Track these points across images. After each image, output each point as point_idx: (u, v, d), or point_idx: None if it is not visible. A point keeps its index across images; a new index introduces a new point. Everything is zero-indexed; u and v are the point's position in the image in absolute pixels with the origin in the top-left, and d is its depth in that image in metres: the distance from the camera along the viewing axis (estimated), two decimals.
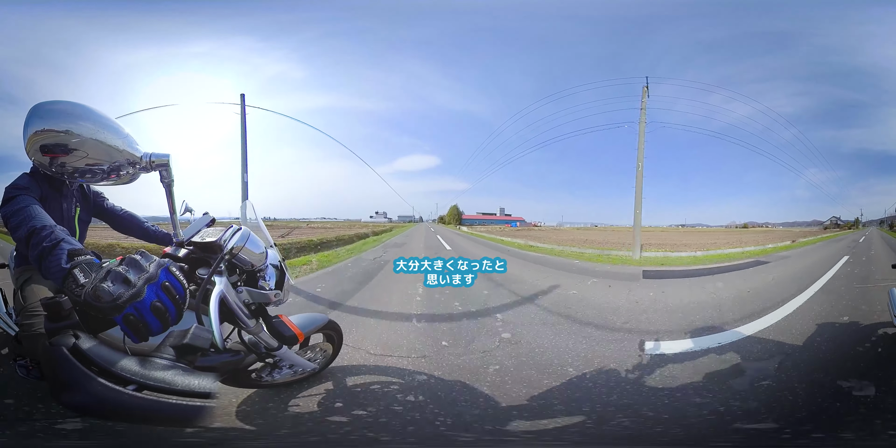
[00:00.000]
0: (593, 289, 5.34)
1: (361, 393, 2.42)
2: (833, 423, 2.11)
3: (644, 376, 2.75)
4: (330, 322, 2.36)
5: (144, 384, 1.08)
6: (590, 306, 4.45)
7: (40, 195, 1.79)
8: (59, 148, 1.73)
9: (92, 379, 1.05)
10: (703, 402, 2.38)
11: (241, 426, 2.04)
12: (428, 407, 2.29)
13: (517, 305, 4.60)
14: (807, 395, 2.41)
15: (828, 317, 3.96)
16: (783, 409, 2.27)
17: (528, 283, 5.57)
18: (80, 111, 1.79)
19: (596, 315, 4.16)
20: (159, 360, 1.14)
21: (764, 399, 2.38)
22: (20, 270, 2.02)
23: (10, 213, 1.52)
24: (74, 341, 1.11)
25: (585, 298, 4.78)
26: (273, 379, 2.18)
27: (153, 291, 1.18)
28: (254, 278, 1.79)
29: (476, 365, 2.88)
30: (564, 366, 2.90)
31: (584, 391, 2.55)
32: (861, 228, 11.00)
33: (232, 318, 1.67)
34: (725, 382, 2.62)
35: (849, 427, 2.06)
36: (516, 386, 2.58)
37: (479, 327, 3.79)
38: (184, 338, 1.21)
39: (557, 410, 2.29)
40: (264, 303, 1.82)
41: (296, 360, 2.15)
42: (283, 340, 1.90)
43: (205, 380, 1.12)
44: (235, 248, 1.65)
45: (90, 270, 1.17)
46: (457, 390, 2.50)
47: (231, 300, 1.62)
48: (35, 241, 1.32)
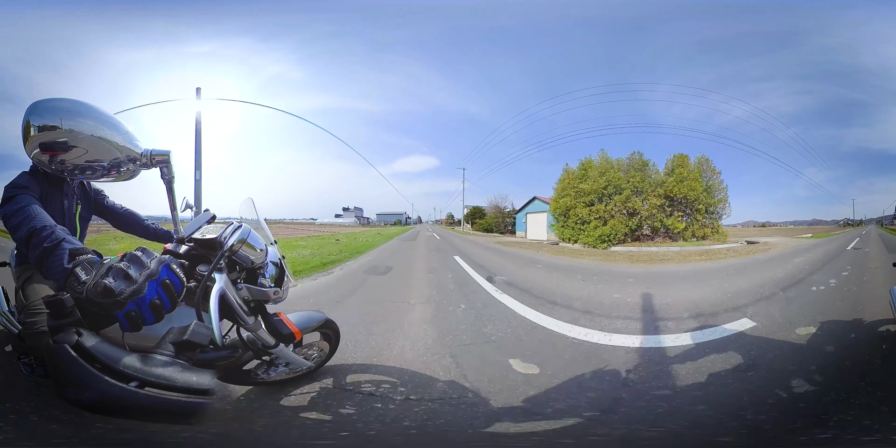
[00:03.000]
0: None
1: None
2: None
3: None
4: (328, 321, 2.37)
5: (146, 381, 1.08)
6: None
7: (40, 194, 1.79)
8: (59, 145, 1.73)
9: (96, 376, 1.06)
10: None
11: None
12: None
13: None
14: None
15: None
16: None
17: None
18: (79, 108, 1.79)
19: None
20: (160, 356, 1.15)
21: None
22: (21, 269, 2.02)
23: (10, 212, 1.51)
24: (77, 338, 1.12)
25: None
26: (269, 376, 2.19)
27: (153, 288, 1.21)
28: (254, 275, 1.80)
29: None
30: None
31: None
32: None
33: (231, 314, 1.68)
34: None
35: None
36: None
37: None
38: (184, 334, 1.22)
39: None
40: (263, 300, 1.83)
41: (292, 358, 2.16)
42: (281, 338, 1.91)
43: (204, 376, 1.13)
44: (236, 245, 1.66)
45: (91, 268, 1.18)
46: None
47: (231, 297, 1.63)
48: (36, 242, 1.32)
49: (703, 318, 3.95)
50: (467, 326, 3.75)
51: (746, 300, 4.59)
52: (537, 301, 4.67)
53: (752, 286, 5.35)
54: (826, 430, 2.05)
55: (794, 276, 6.03)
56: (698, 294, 5.03)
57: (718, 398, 2.42)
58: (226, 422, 2.05)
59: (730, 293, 4.96)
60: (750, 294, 4.90)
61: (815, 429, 2.07)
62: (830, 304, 4.33)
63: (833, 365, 2.80)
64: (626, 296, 4.96)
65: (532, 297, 4.89)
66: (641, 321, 3.98)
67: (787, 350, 3.12)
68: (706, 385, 2.60)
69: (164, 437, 1.79)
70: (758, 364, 2.88)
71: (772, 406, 2.30)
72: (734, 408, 2.30)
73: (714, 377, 2.69)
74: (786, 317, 3.96)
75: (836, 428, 2.06)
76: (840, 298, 4.59)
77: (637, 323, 3.90)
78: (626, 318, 4.01)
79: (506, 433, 2.08)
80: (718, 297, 4.77)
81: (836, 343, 3.23)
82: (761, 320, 3.81)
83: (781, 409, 2.27)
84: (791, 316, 3.99)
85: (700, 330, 3.65)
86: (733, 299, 4.65)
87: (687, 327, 3.72)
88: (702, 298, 4.76)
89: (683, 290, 5.36)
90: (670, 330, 3.69)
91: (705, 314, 4.09)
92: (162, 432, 1.79)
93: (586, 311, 4.23)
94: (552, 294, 5.04)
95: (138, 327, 1.19)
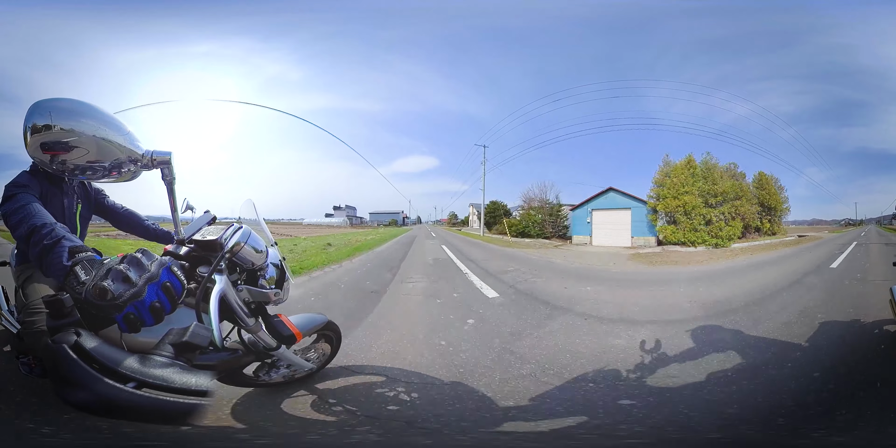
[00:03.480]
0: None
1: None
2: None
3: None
4: (329, 323, 2.36)
5: (144, 381, 1.08)
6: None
7: (40, 193, 1.79)
8: (60, 145, 1.73)
9: (94, 376, 1.06)
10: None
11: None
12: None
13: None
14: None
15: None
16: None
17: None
18: (81, 108, 1.79)
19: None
20: (158, 357, 1.15)
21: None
22: (21, 268, 2.02)
23: (11, 211, 1.52)
24: (76, 339, 1.12)
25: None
26: (270, 378, 2.19)
27: (154, 291, 1.20)
28: (254, 277, 1.80)
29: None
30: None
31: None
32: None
33: (231, 316, 1.68)
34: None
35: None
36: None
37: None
38: (183, 335, 1.21)
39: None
40: (264, 302, 1.83)
41: (293, 360, 2.16)
42: (282, 340, 1.90)
43: (202, 378, 1.12)
44: (236, 247, 1.66)
45: (91, 268, 1.18)
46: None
47: (231, 298, 1.63)
48: (36, 239, 1.32)
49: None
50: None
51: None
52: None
53: (833, 247, 9.48)
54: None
55: (842, 245, 10.39)
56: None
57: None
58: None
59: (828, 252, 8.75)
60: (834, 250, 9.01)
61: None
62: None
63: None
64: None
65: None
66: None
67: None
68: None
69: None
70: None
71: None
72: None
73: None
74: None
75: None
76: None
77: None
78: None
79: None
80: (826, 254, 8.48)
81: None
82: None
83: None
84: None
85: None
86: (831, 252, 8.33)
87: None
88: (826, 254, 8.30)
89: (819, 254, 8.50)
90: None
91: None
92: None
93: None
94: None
95: (137, 329, 1.19)
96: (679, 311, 4.39)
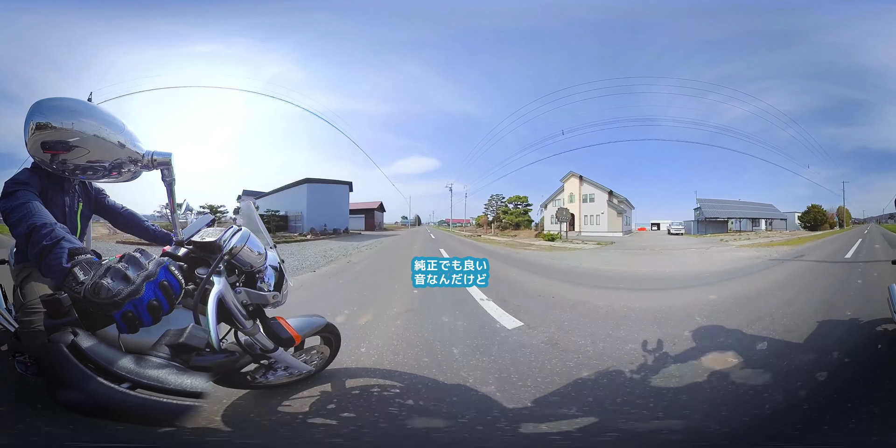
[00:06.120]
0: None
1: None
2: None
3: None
4: (328, 325, 2.35)
5: (138, 382, 1.08)
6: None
7: (41, 190, 1.78)
8: (61, 145, 1.73)
9: (88, 377, 1.06)
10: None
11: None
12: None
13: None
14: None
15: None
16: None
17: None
18: (82, 108, 1.79)
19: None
20: (154, 358, 1.15)
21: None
22: (20, 267, 2.02)
23: (10, 208, 1.50)
24: (73, 338, 1.12)
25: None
26: (267, 380, 2.18)
27: (151, 289, 1.20)
28: (252, 279, 1.80)
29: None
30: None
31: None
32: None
33: (229, 318, 1.67)
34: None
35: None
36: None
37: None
38: (180, 337, 1.21)
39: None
40: (262, 304, 1.82)
41: (291, 362, 2.15)
42: (280, 342, 1.90)
43: (197, 380, 1.12)
44: (235, 249, 1.66)
45: (90, 268, 1.18)
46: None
47: (229, 300, 1.62)
48: (35, 239, 1.32)
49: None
50: None
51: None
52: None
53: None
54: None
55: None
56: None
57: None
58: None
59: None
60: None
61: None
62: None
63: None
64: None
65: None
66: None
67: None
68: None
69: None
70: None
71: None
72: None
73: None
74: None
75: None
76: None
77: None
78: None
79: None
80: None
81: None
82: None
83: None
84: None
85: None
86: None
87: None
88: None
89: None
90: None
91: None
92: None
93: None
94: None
95: (135, 329, 1.19)
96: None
